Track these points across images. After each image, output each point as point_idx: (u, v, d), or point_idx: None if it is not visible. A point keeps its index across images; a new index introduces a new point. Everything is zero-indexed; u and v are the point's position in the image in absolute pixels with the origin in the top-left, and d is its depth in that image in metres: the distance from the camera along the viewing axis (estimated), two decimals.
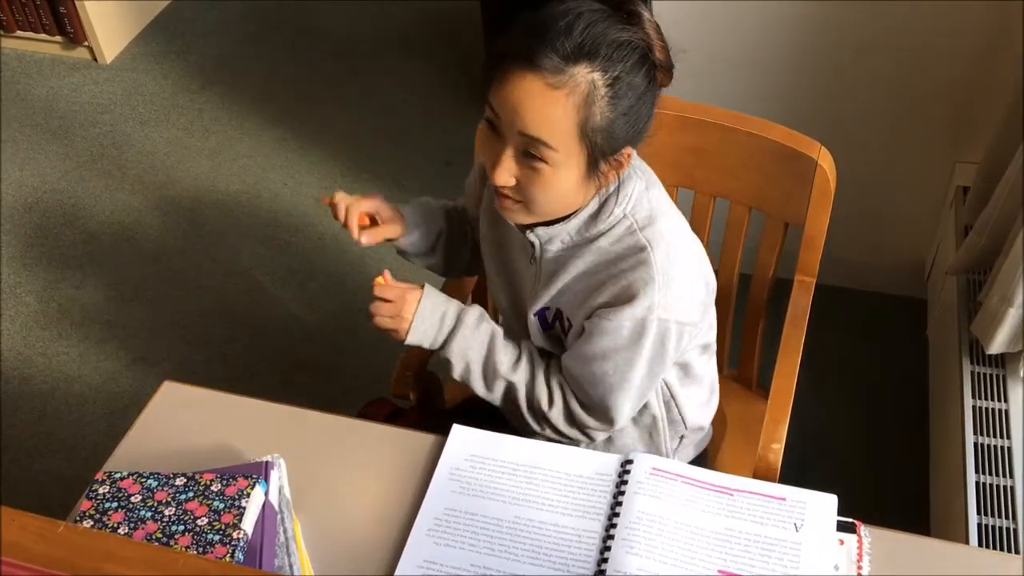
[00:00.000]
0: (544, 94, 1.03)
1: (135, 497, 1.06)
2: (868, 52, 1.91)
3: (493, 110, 1.08)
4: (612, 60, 1.03)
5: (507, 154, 1.09)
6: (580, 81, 1.03)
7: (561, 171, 1.08)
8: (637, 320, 1.15)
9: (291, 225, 2.62)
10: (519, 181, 1.10)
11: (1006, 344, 1.62)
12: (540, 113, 1.04)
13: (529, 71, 1.03)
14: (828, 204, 1.38)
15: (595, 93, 1.03)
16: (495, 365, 1.25)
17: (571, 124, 1.04)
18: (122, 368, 2.30)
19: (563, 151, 1.06)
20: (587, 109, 1.04)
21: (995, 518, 1.47)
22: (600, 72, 1.03)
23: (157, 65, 3.16)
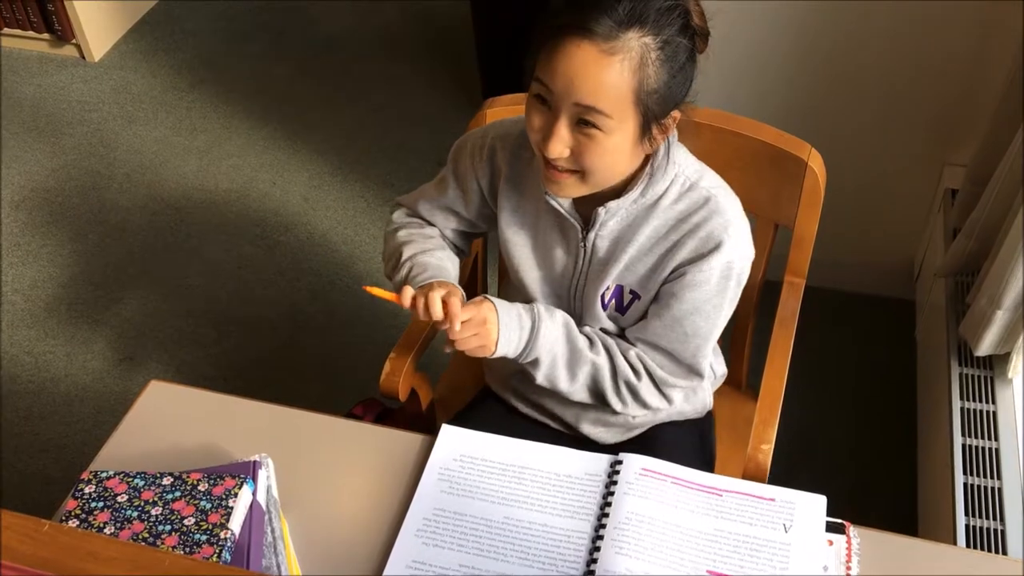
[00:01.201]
0: (599, 61, 1.04)
1: (121, 497, 1.05)
2: (858, 54, 1.92)
3: (543, 84, 1.08)
4: (661, 24, 1.05)
5: (561, 124, 1.09)
6: (633, 46, 1.04)
7: (616, 136, 1.09)
8: (724, 265, 1.18)
9: (280, 224, 2.61)
10: (572, 151, 1.10)
11: (994, 346, 1.63)
12: (596, 81, 1.05)
13: (584, 39, 1.04)
14: (818, 205, 1.38)
15: (647, 56, 1.05)
16: (579, 351, 1.24)
17: (626, 89, 1.05)
18: (109, 367, 2.29)
19: (618, 117, 1.07)
20: (641, 72, 1.05)
21: (982, 519, 1.48)
22: (651, 36, 1.04)
23: (145, 63, 3.15)
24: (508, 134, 1.28)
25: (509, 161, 1.26)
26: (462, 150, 1.32)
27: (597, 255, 1.23)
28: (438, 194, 1.35)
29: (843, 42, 1.91)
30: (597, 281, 1.25)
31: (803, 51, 1.94)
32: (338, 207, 2.65)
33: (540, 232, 1.27)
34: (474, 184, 1.31)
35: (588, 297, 1.27)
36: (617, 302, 1.26)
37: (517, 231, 1.28)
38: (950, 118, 1.96)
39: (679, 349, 1.23)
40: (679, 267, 1.19)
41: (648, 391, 1.26)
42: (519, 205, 1.28)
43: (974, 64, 1.86)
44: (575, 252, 1.25)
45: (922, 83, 1.92)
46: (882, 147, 2.05)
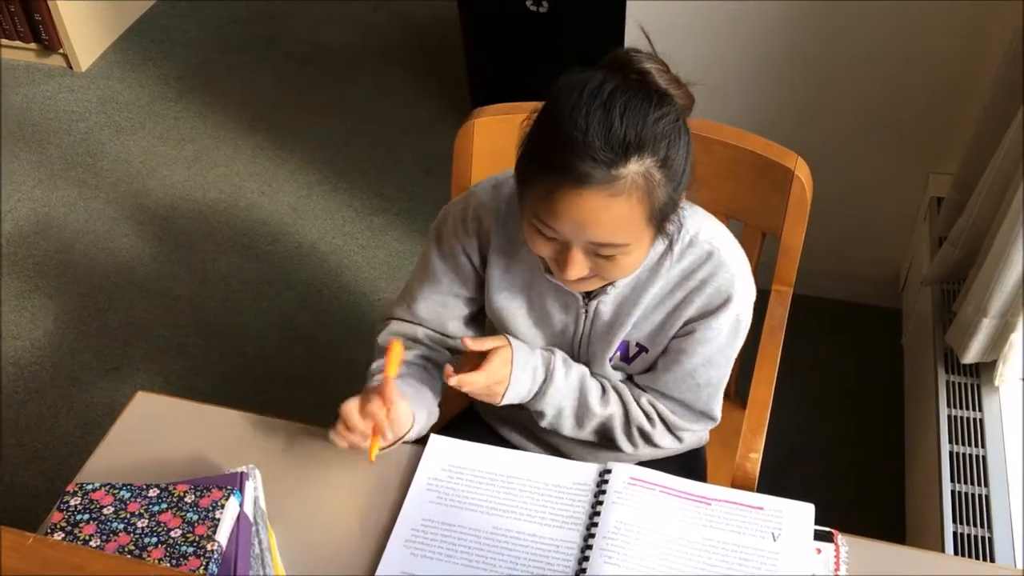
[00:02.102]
0: (606, 206, 0.99)
1: (107, 509, 1.04)
2: (843, 64, 1.93)
3: (547, 225, 1.03)
4: (657, 140, 0.99)
5: (575, 255, 1.05)
6: (636, 177, 0.99)
7: (636, 251, 1.06)
8: (734, 319, 1.17)
9: (268, 234, 2.61)
10: (592, 268, 1.07)
11: (981, 354, 1.63)
12: (605, 223, 1.00)
13: (583, 189, 0.98)
14: (805, 214, 1.38)
15: (652, 180, 1.00)
16: (588, 407, 1.22)
17: (639, 218, 1.02)
18: (96, 379, 2.27)
19: (635, 241, 1.04)
20: (650, 197, 1.01)
21: (970, 527, 1.48)
22: (651, 157, 0.99)
23: (133, 73, 3.14)
24: (488, 203, 1.21)
25: (497, 230, 1.20)
26: (443, 229, 1.24)
27: (600, 319, 1.20)
28: (431, 287, 1.26)
29: (829, 52, 1.92)
30: (603, 343, 1.22)
31: (789, 61, 1.95)
32: (327, 217, 2.65)
33: (535, 297, 1.22)
34: (464, 259, 1.24)
35: (593, 359, 1.24)
36: (623, 354, 1.24)
37: (509, 297, 1.23)
38: (935, 127, 1.97)
39: (691, 399, 1.23)
40: (688, 323, 1.18)
41: (661, 436, 1.25)
42: (508, 270, 1.22)
43: (958, 72, 1.87)
44: (575, 317, 1.21)
45: (907, 92, 1.94)
46: (868, 156, 2.06)
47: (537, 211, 1.03)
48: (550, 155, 1.00)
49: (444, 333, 1.29)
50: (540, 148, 1.03)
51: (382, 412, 1.10)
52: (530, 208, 1.04)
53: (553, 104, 1.01)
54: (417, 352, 1.27)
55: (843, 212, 2.12)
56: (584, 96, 0.98)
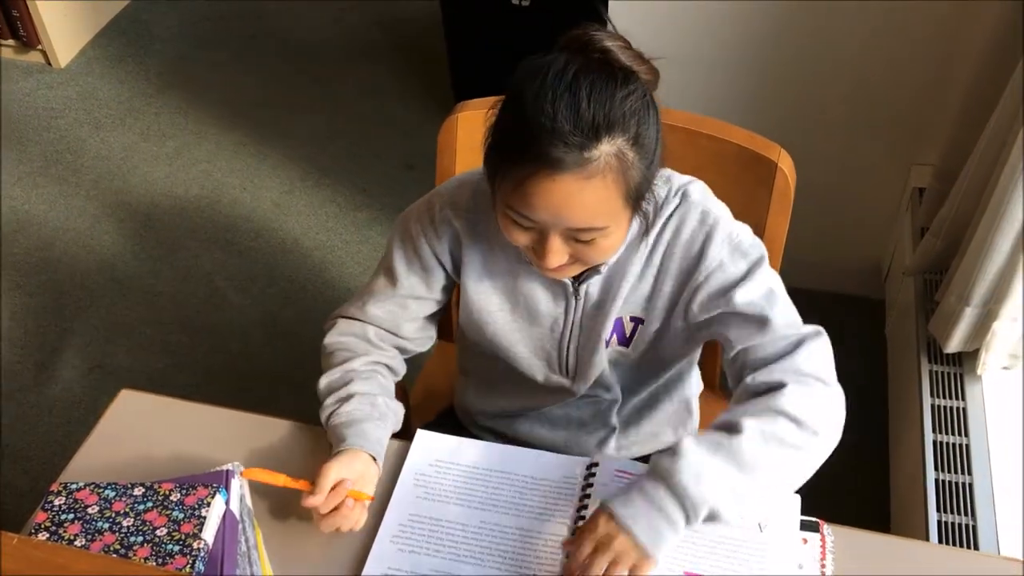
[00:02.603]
0: (581, 189, 0.97)
1: (92, 508, 1.03)
2: (825, 56, 1.94)
3: (522, 215, 1.00)
4: (626, 118, 0.97)
5: (553, 241, 1.02)
6: (609, 158, 0.96)
7: (615, 233, 1.04)
8: (724, 238, 1.10)
9: (250, 230, 2.59)
10: (572, 254, 1.05)
11: (963, 343, 1.65)
12: (582, 207, 0.98)
13: (556, 175, 0.96)
14: (788, 206, 1.39)
15: (625, 158, 0.98)
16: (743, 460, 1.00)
17: (615, 198, 0.99)
18: (79, 377, 2.26)
19: (614, 221, 1.02)
20: (624, 176, 0.98)
21: (954, 515, 1.49)
22: (621, 136, 0.97)
23: (113, 69, 3.11)
24: (457, 201, 1.17)
25: (467, 227, 1.16)
26: (406, 230, 1.20)
27: (590, 300, 1.16)
28: (391, 289, 1.22)
29: (810, 44, 1.93)
30: (595, 327, 1.17)
31: (771, 53, 1.96)
32: (309, 212, 2.64)
33: (518, 291, 1.18)
34: (433, 261, 1.20)
35: (585, 347, 1.19)
36: (619, 336, 1.19)
37: (489, 298, 1.19)
38: (917, 118, 1.98)
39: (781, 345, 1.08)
40: (682, 276, 1.12)
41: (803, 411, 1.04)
42: (486, 267, 1.17)
43: (939, 64, 1.88)
44: (564, 304, 1.17)
45: (888, 84, 1.94)
46: (850, 148, 2.07)
47: (511, 201, 1.01)
48: (520, 144, 0.97)
49: (396, 333, 1.24)
50: (508, 138, 1.00)
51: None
52: (503, 199, 1.02)
53: (517, 92, 0.99)
54: (369, 359, 1.21)
55: (826, 204, 2.13)
56: (548, 81, 0.96)
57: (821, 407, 1.05)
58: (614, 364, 1.23)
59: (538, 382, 1.26)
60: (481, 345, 1.24)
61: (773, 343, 1.09)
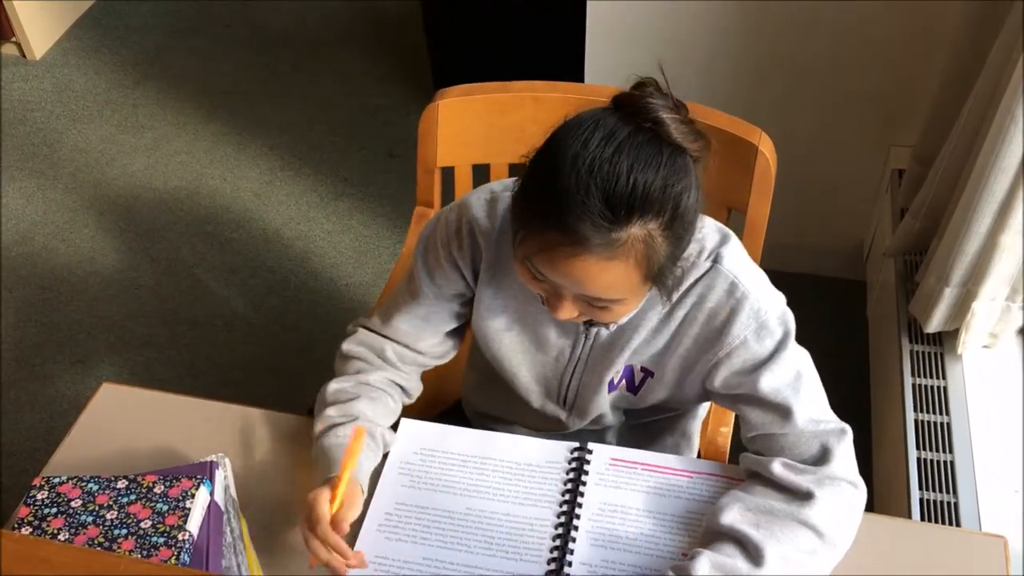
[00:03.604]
0: (602, 270, 0.92)
1: (75, 502, 1.03)
2: (804, 39, 1.94)
3: (537, 269, 0.96)
4: (665, 201, 0.91)
5: (566, 303, 0.99)
6: (635, 242, 0.91)
7: (631, 303, 1.01)
8: (750, 317, 1.05)
9: (232, 221, 2.58)
10: (582, 311, 1.02)
11: (943, 323, 1.66)
12: (600, 284, 0.94)
13: (576, 249, 0.91)
14: (769, 189, 1.39)
15: (654, 243, 0.92)
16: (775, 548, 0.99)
17: (635, 277, 0.95)
18: (60, 372, 2.24)
19: (631, 295, 0.99)
20: (648, 260, 0.94)
21: (936, 493, 1.50)
22: (653, 220, 0.91)
23: (89, 60, 3.08)
24: (482, 219, 1.12)
25: (488, 248, 1.12)
26: (432, 239, 1.16)
27: (600, 342, 1.13)
28: (415, 301, 1.18)
29: (790, 28, 1.93)
30: (600, 367, 1.15)
31: (751, 37, 1.96)
32: (290, 202, 2.62)
33: (528, 319, 1.15)
34: (456, 274, 1.16)
35: (587, 385, 1.18)
36: (628, 382, 1.17)
37: (500, 317, 1.16)
38: (895, 100, 1.99)
39: (809, 443, 1.05)
40: (699, 344, 1.09)
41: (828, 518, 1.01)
42: (500, 290, 1.14)
43: (917, 47, 1.89)
44: (573, 340, 1.15)
45: (867, 67, 1.95)
46: (830, 130, 2.08)
47: (530, 256, 0.96)
48: (547, 208, 0.92)
49: (415, 349, 1.21)
50: (537, 195, 0.94)
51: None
52: (523, 250, 0.97)
53: (556, 148, 0.93)
54: (385, 375, 1.20)
55: (807, 186, 2.14)
56: (589, 145, 0.90)
57: (847, 516, 1.03)
58: (615, 406, 1.23)
59: (533, 407, 1.25)
60: (485, 354, 1.22)
61: (799, 439, 1.06)
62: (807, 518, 1.00)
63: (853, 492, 1.04)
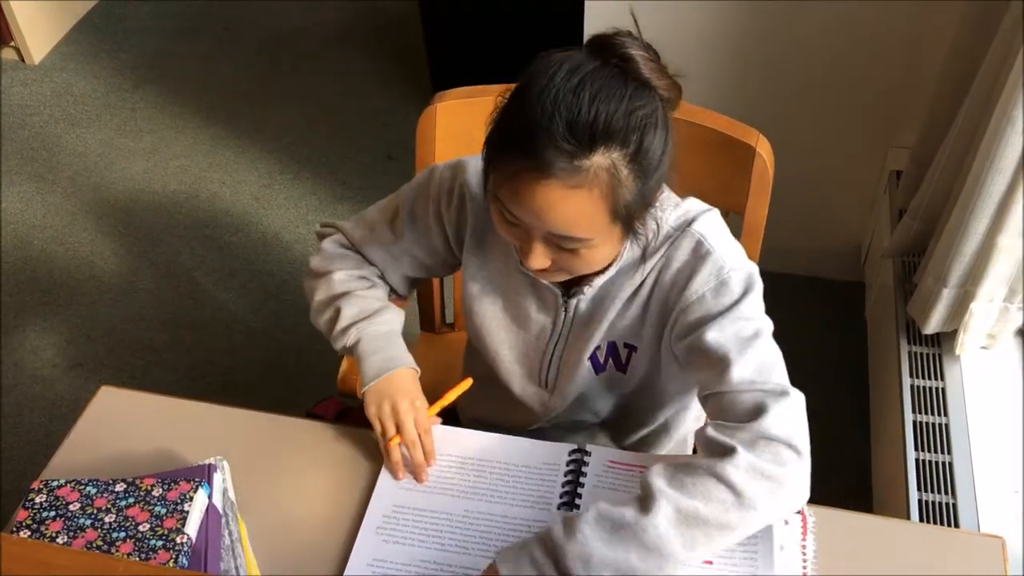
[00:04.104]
0: (565, 197, 0.93)
1: (74, 505, 1.03)
2: (802, 41, 1.94)
3: (505, 207, 0.98)
4: (628, 130, 0.92)
5: (537, 245, 1.00)
6: (600, 171, 0.92)
7: (600, 248, 1.01)
8: (712, 274, 1.05)
9: (231, 225, 2.58)
10: (555, 260, 1.02)
11: (941, 324, 1.66)
12: (564, 215, 0.95)
13: (541, 176, 0.92)
14: (767, 191, 1.39)
15: (618, 175, 0.93)
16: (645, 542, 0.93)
17: (601, 213, 0.96)
18: (59, 375, 2.24)
19: (598, 236, 0.98)
20: (613, 193, 0.94)
21: (934, 494, 1.51)
22: (619, 150, 0.93)
23: (88, 64, 3.09)
24: (475, 186, 1.14)
25: (475, 212, 1.15)
26: (425, 191, 1.18)
27: (579, 316, 1.15)
28: (392, 236, 1.22)
29: (787, 30, 1.93)
30: (580, 343, 1.16)
31: (749, 39, 1.96)
32: (289, 205, 2.63)
33: (511, 292, 1.17)
34: (439, 230, 1.19)
35: (568, 360, 1.19)
36: (615, 360, 1.18)
37: (484, 289, 1.18)
38: (893, 101, 1.99)
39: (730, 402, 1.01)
40: (668, 304, 1.09)
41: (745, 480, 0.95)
42: (485, 262, 1.17)
43: (914, 49, 1.89)
44: (554, 314, 1.16)
45: (865, 68, 1.95)
46: (828, 132, 2.08)
47: (499, 193, 0.99)
48: (514, 138, 0.95)
49: (383, 277, 1.28)
50: (505, 129, 0.98)
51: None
52: (493, 188, 1.00)
53: (525, 84, 0.96)
54: (376, 272, 1.27)
55: (805, 188, 2.14)
56: (556, 78, 0.93)
57: (775, 478, 0.95)
58: (609, 387, 1.23)
59: (514, 394, 1.25)
60: (471, 337, 1.24)
61: (736, 398, 1.01)
62: (722, 472, 0.94)
63: (790, 455, 0.96)
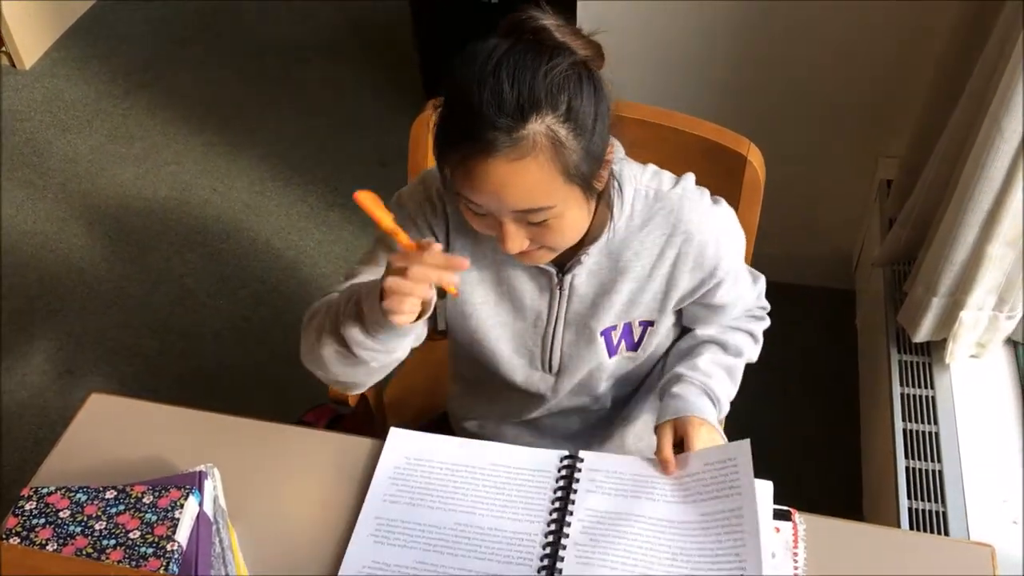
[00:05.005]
0: (514, 171, 0.97)
1: (64, 512, 1.03)
2: (793, 50, 1.95)
3: (471, 199, 1.02)
4: (553, 94, 0.96)
5: (508, 227, 1.03)
6: (538, 137, 0.96)
7: (567, 213, 1.03)
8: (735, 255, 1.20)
9: (221, 231, 2.58)
10: (531, 239, 1.05)
11: (931, 332, 1.67)
12: (519, 188, 0.98)
13: (487, 156, 0.96)
14: (758, 200, 1.40)
15: (557, 136, 0.97)
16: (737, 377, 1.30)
17: (553, 177, 0.99)
18: (49, 382, 2.24)
19: (560, 201, 1.01)
20: (559, 155, 0.98)
21: (924, 502, 1.51)
22: (550, 113, 0.96)
23: (79, 70, 3.08)
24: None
25: (456, 213, 1.16)
26: (403, 215, 1.18)
27: (577, 293, 1.17)
28: (380, 256, 1.19)
29: (778, 39, 1.94)
30: (588, 322, 1.18)
31: (739, 47, 1.97)
32: (280, 212, 2.62)
33: (503, 282, 1.18)
34: (426, 230, 1.18)
35: (575, 343, 1.20)
36: (628, 341, 1.21)
37: (475, 286, 1.19)
38: (883, 111, 2.00)
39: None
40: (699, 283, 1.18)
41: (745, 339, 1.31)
42: (472, 258, 1.17)
43: (904, 59, 1.90)
44: (549, 296, 1.18)
45: (855, 77, 1.96)
46: (818, 141, 2.09)
47: (458, 187, 1.02)
48: (454, 130, 0.99)
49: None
50: (445, 125, 1.01)
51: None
52: (452, 186, 1.03)
53: (452, 80, 1.00)
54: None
55: (795, 197, 2.15)
56: (476, 67, 0.97)
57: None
58: (617, 376, 1.24)
59: (517, 384, 1.25)
60: (464, 342, 1.23)
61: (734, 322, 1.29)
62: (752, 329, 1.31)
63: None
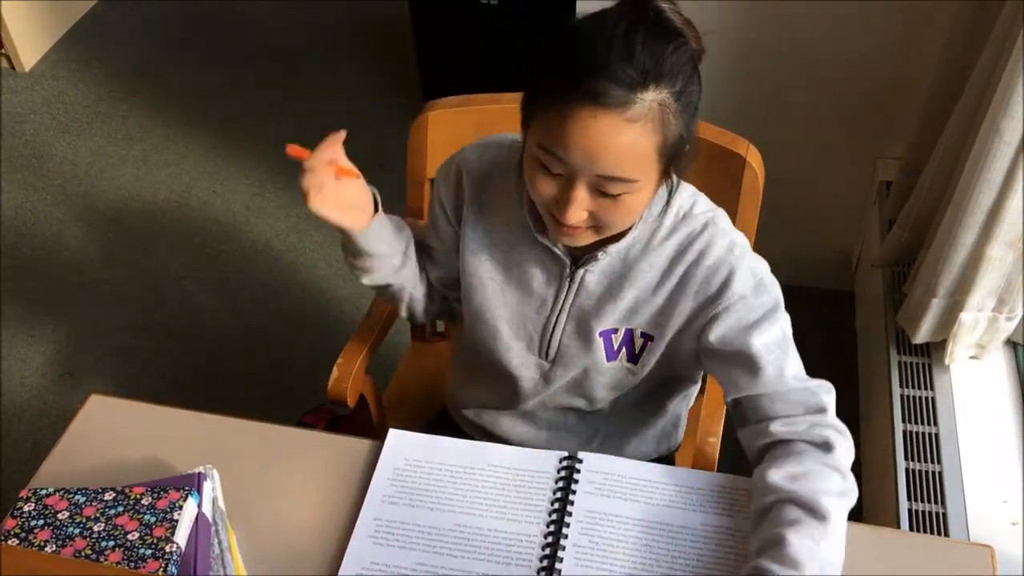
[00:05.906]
0: (620, 131, 0.96)
1: (62, 514, 1.02)
2: (792, 52, 1.95)
3: (554, 155, 0.99)
4: (675, 72, 0.97)
5: (579, 192, 1.00)
6: (653, 106, 0.96)
7: (641, 193, 1.02)
8: (749, 276, 1.13)
9: (221, 233, 2.58)
10: (591, 212, 1.03)
11: (930, 333, 1.67)
12: (618, 150, 0.97)
13: (599, 108, 0.94)
14: (757, 201, 1.40)
15: (667, 112, 0.97)
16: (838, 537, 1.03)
17: (651, 150, 0.98)
18: (48, 384, 2.23)
19: (643, 176, 1.00)
20: (663, 129, 0.98)
21: (924, 503, 1.51)
22: (668, 89, 0.97)
23: (78, 72, 3.08)
24: (472, 161, 1.20)
25: (474, 187, 1.18)
26: (435, 181, 1.26)
27: (586, 289, 1.15)
28: (423, 230, 1.30)
29: (777, 40, 1.94)
30: (590, 318, 1.17)
31: (738, 48, 1.97)
32: (280, 214, 2.62)
33: (513, 264, 1.18)
34: (440, 210, 1.24)
35: (573, 336, 1.19)
36: (628, 350, 1.19)
37: (485, 262, 1.20)
38: (882, 112, 2.00)
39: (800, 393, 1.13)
40: (698, 303, 1.13)
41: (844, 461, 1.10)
42: (487, 233, 1.19)
43: (903, 60, 1.90)
44: (557, 286, 1.17)
45: (854, 79, 1.96)
46: (818, 142, 2.09)
47: (544, 140, 0.99)
48: (568, 76, 0.96)
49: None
50: (555, 69, 0.99)
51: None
52: (536, 139, 1.00)
53: (573, 31, 0.99)
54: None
55: (795, 198, 2.15)
56: (607, 23, 0.97)
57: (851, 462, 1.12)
58: (615, 385, 1.23)
59: (512, 367, 1.24)
60: (468, 318, 1.24)
61: (790, 396, 1.13)
62: (836, 463, 1.08)
63: (851, 441, 1.13)
